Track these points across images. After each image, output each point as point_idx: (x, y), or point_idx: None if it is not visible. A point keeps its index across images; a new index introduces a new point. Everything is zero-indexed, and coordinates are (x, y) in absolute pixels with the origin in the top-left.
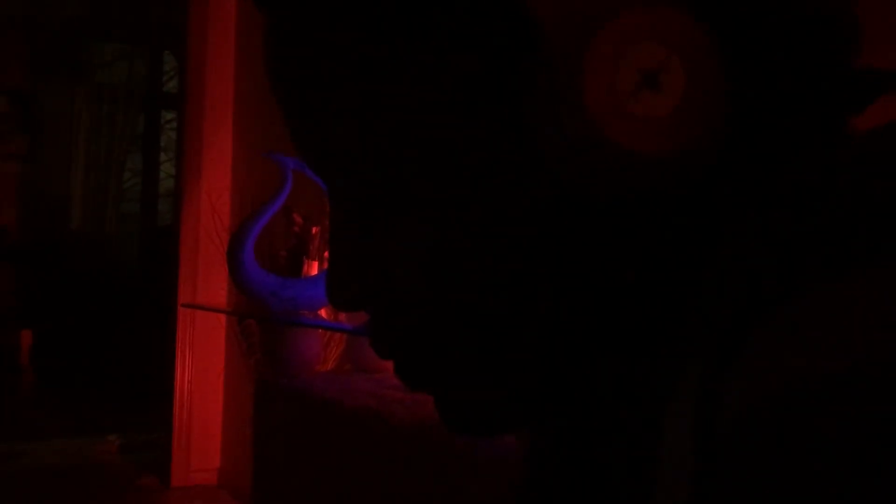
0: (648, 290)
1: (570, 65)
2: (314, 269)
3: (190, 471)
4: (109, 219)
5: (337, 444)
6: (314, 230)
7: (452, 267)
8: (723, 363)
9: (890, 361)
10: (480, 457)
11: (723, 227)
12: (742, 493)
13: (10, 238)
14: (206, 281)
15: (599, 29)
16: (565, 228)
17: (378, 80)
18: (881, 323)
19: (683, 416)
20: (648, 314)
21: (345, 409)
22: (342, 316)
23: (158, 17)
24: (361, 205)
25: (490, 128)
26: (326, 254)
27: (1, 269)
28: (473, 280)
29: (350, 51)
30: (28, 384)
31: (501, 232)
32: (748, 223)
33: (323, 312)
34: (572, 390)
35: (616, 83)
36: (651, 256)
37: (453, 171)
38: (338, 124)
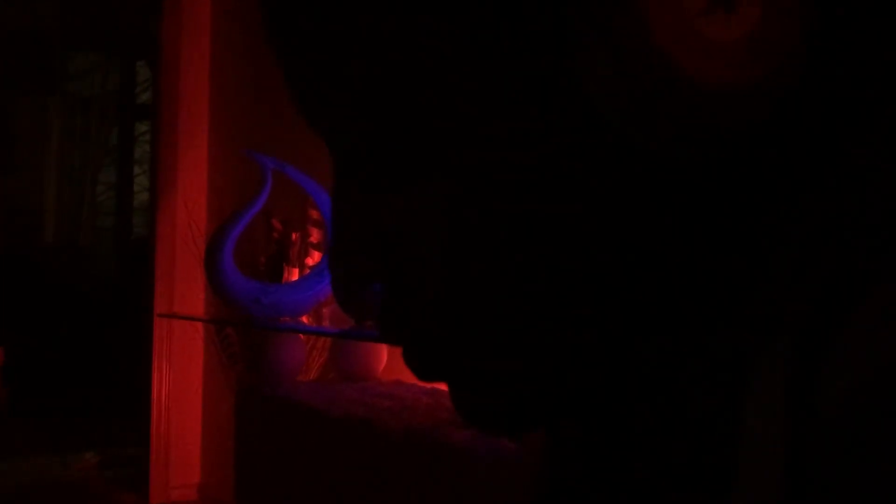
0: (712, 257)
1: None
2: (294, 275)
3: (169, 487)
4: (84, 232)
5: (323, 455)
6: (294, 236)
7: (478, 232)
8: (821, 340)
9: None
10: (472, 465)
11: (804, 184)
12: (852, 477)
13: None
14: (182, 291)
15: None
16: (616, 182)
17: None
18: None
19: (772, 397)
20: (711, 285)
21: (332, 419)
22: (326, 322)
23: (132, 27)
24: (372, 161)
25: (525, 67)
26: (308, 260)
27: None
28: (502, 248)
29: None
30: (1, 402)
31: (538, 190)
32: (843, 180)
33: (305, 319)
34: (618, 376)
35: (685, 2)
36: (714, 215)
37: (480, 118)
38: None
